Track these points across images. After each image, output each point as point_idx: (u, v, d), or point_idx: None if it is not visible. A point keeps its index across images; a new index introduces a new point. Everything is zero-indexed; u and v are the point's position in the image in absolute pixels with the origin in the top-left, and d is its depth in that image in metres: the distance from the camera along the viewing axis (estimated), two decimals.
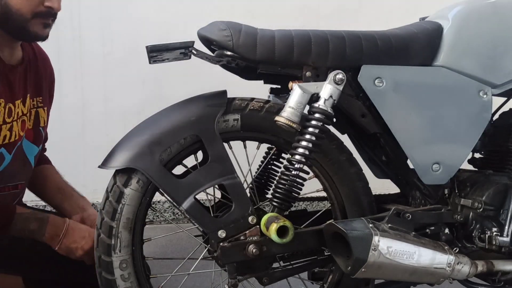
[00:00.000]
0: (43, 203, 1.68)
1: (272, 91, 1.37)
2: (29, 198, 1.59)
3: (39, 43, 1.45)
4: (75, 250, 1.31)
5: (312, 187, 1.29)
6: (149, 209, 1.20)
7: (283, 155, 1.42)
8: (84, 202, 1.56)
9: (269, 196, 1.35)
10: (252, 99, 1.23)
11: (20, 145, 1.40)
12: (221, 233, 1.14)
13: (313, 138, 1.14)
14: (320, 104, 1.14)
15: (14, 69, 1.34)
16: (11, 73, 1.32)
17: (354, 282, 1.27)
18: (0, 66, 1.28)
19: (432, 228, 1.24)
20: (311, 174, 1.23)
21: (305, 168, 1.16)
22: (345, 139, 1.35)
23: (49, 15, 1.29)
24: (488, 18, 1.27)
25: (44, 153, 1.62)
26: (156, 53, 1.14)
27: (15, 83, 1.34)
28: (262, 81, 1.33)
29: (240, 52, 1.16)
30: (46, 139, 1.58)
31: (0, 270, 1.39)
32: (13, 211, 1.27)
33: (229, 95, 1.21)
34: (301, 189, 1.17)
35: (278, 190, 1.15)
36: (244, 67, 1.19)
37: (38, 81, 1.45)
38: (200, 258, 1.27)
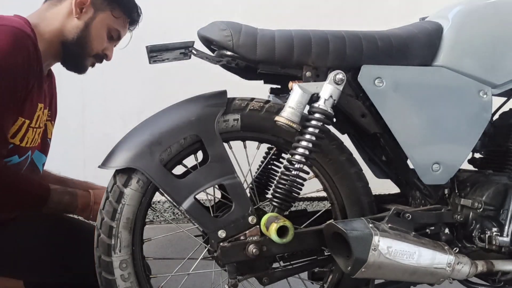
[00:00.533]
0: None
1: (272, 91, 1.37)
2: None
3: None
4: None
5: (312, 187, 1.29)
6: (149, 209, 1.20)
7: (283, 155, 1.42)
8: (87, 183, 1.62)
9: (269, 196, 1.35)
10: (252, 99, 1.23)
11: (31, 154, 1.43)
12: (221, 233, 1.14)
13: (313, 138, 1.14)
14: (320, 104, 1.14)
15: (45, 80, 1.43)
16: (44, 83, 1.41)
17: (354, 282, 1.27)
18: (40, 75, 1.35)
19: (432, 228, 1.24)
20: (311, 174, 1.23)
21: (305, 168, 1.16)
22: (345, 139, 1.35)
23: (100, 60, 1.47)
24: (488, 18, 1.27)
25: None
26: (156, 53, 1.14)
27: (46, 92, 1.44)
28: (262, 81, 1.33)
29: (240, 52, 1.16)
30: None
31: (1, 274, 1.39)
32: (48, 186, 1.32)
33: (229, 95, 1.21)
34: (301, 189, 1.17)
35: (278, 190, 1.15)
36: (244, 67, 1.19)
37: (50, 96, 1.52)
38: (200, 258, 1.27)
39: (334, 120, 1.33)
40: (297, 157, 1.14)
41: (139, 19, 1.51)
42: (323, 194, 1.31)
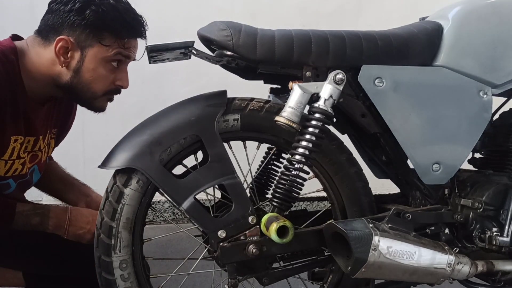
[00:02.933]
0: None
1: (272, 91, 1.37)
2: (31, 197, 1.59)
3: None
4: (83, 235, 1.30)
5: (312, 187, 1.29)
6: (149, 209, 1.20)
7: (283, 155, 1.42)
8: (86, 188, 1.56)
9: (269, 196, 1.35)
10: (252, 99, 1.23)
11: (29, 177, 1.40)
12: (221, 233, 1.14)
13: (313, 138, 1.14)
14: (320, 104, 1.14)
15: (39, 107, 1.32)
16: (32, 112, 1.29)
17: (354, 282, 1.27)
18: (22, 108, 1.25)
19: (432, 228, 1.24)
20: (311, 174, 1.23)
21: (305, 168, 1.16)
22: (345, 139, 1.35)
23: (117, 93, 1.32)
24: (488, 18, 1.27)
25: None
26: (156, 53, 1.14)
27: (36, 120, 1.32)
28: (262, 81, 1.33)
29: (240, 52, 1.16)
30: None
31: (0, 265, 1.39)
32: (13, 209, 1.25)
33: (229, 95, 1.21)
34: (301, 189, 1.17)
35: (278, 190, 1.15)
36: (244, 67, 1.19)
37: (60, 116, 1.44)
38: (200, 258, 1.27)
39: (334, 120, 1.33)
40: (297, 157, 1.14)
41: (142, 28, 1.28)
42: (323, 194, 1.31)
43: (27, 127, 1.29)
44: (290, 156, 1.16)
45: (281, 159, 1.43)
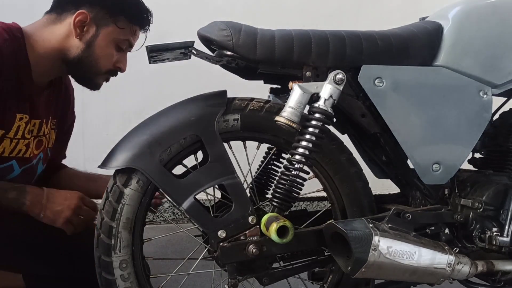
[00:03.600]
0: None
1: (272, 91, 1.37)
2: None
3: None
4: (61, 213, 1.28)
5: (312, 187, 1.29)
6: (149, 209, 1.19)
7: (283, 155, 1.42)
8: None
9: (269, 196, 1.35)
10: (252, 99, 1.23)
11: (35, 164, 1.41)
12: (221, 233, 1.14)
13: (313, 138, 1.14)
14: (320, 104, 1.14)
15: (41, 91, 1.37)
16: (36, 95, 1.35)
17: (354, 282, 1.27)
18: (28, 87, 1.30)
19: (432, 228, 1.24)
20: (311, 174, 1.23)
21: (305, 168, 1.16)
22: (345, 139, 1.35)
23: (114, 74, 1.40)
24: (488, 18, 1.27)
25: (63, 159, 1.66)
26: (156, 53, 1.14)
27: (39, 104, 1.37)
28: (262, 81, 1.33)
29: (240, 52, 1.16)
30: (65, 146, 1.63)
31: (0, 267, 1.39)
32: None
33: (229, 95, 1.21)
34: (301, 189, 1.17)
35: (278, 190, 1.15)
36: (244, 67, 1.19)
37: (58, 104, 1.48)
38: (200, 258, 1.26)
39: (334, 120, 1.33)
40: (297, 157, 1.14)
41: (150, 22, 1.41)
42: (323, 194, 1.31)
43: (31, 108, 1.34)
44: (290, 156, 1.16)
45: (281, 159, 1.43)
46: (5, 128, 1.27)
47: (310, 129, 1.14)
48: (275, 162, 1.44)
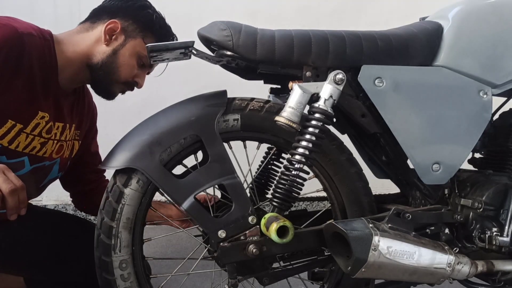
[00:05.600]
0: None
1: (272, 91, 1.37)
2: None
3: None
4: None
5: (312, 187, 1.29)
6: (149, 209, 1.20)
7: (283, 155, 1.42)
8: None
9: (269, 196, 1.35)
10: (252, 99, 1.23)
11: (47, 166, 1.42)
12: (221, 233, 1.14)
13: (313, 138, 1.14)
14: (320, 104, 1.14)
15: (66, 96, 1.41)
16: (62, 98, 1.39)
17: (354, 282, 1.27)
18: (54, 88, 1.33)
19: (432, 228, 1.24)
20: (311, 174, 1.23)
21: (305, 168, 1.16)
22: (345, 139, 1.35)
23: (131, 87, 1.46)
24: (488, 18, 1.27)
25: (103, 173, 1.67)
26: (156, 53, 1.14)
27: (63, 107, 1.40)
28: (262, 81, 1.33)
29: (240, 52, 1.16)
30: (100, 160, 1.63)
31: (2, 270, 1.39)
32: None
33: (229, 95, 1.21)
34: (301, 189, 1.17)
35: (278, 190, 1.15)
36: (244, 67, 1.19)
37: (81, 116, 1.51)
38: (200, 258, 1.27)
39: (334, 120, 1.33)
40: (297, 157, 1.14)
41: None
42: (323, 194, 1.31)
43: (56, 109, 1.37)
44: (290, 156, 1.16)
45: (281, 159, 1.43)
46: (24, 123, 1.30)
47: (310, 129, 1.14)
48: (275, 162, 1.44)
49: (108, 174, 1.18)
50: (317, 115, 1.14)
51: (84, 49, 1.36)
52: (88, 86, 1.51)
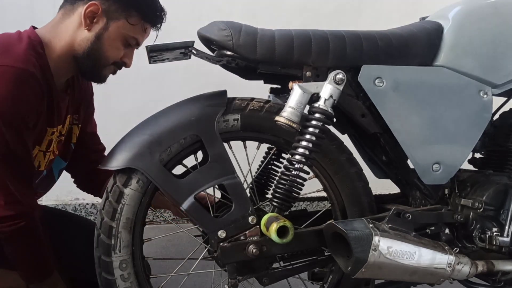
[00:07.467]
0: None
1: (272, 91, 1.37)
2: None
3: None
4: None
5: (312, 187, 1.29)
6: (149, 209, 1.20)
7: (283, 155, 1.42)
8: None
9: (269, 196, 1.35)
10: (252, 99, 1.23)
11: (47, 171, 1.43)
12: (221, 233, 1.14)
13: (313, 138, 1.14)
14: (320, 104, 1.14)
15: (64, 96, 1.38)
16: (61, 101, 1.36)
17: (354, 282, 1.27)
18: (54, 98, 1.30)
19: (432, 228, 1.24)
20: (311, 174, 1.23)
21: (305, 168, 1.16)
22: (345, 139, 1.35)
23: (120, 67, 1.38)
24: (488, 18, 1.27)
25: (104, 152, 1.66)
26: (156, 53, 1.14)
27: (62, 110, 1.38)
28: (262, 81, 1.33)
29: (240, 52, 1.16)
30: (104, 148, 1.63)
31: (3, 266, 1.39)
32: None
33: (229, 95, 1.21)
34: (301, 189, 1.17)
35: (278, 190, 1.15)
36: (244, 67, 1.19)
37: (77, 100, 1.47)
38: (200, 258, 1.27)
39: (334, 120, 1.33)
40: (297, 157, 1.14)
41: (163, 21, 1.37)
42: (323, 194, 1.31)
43: (57, 116, 1.35)
44: (290, 156, 1.16)
45: (281, 159, 1.43)
46: (39, 143, 1.30)
47: (310, 129, 1.14)
48: (275, 162, 1.44)
49: None
50: (317, 115, 1.14)
51: (68, 40, 1.29)
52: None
